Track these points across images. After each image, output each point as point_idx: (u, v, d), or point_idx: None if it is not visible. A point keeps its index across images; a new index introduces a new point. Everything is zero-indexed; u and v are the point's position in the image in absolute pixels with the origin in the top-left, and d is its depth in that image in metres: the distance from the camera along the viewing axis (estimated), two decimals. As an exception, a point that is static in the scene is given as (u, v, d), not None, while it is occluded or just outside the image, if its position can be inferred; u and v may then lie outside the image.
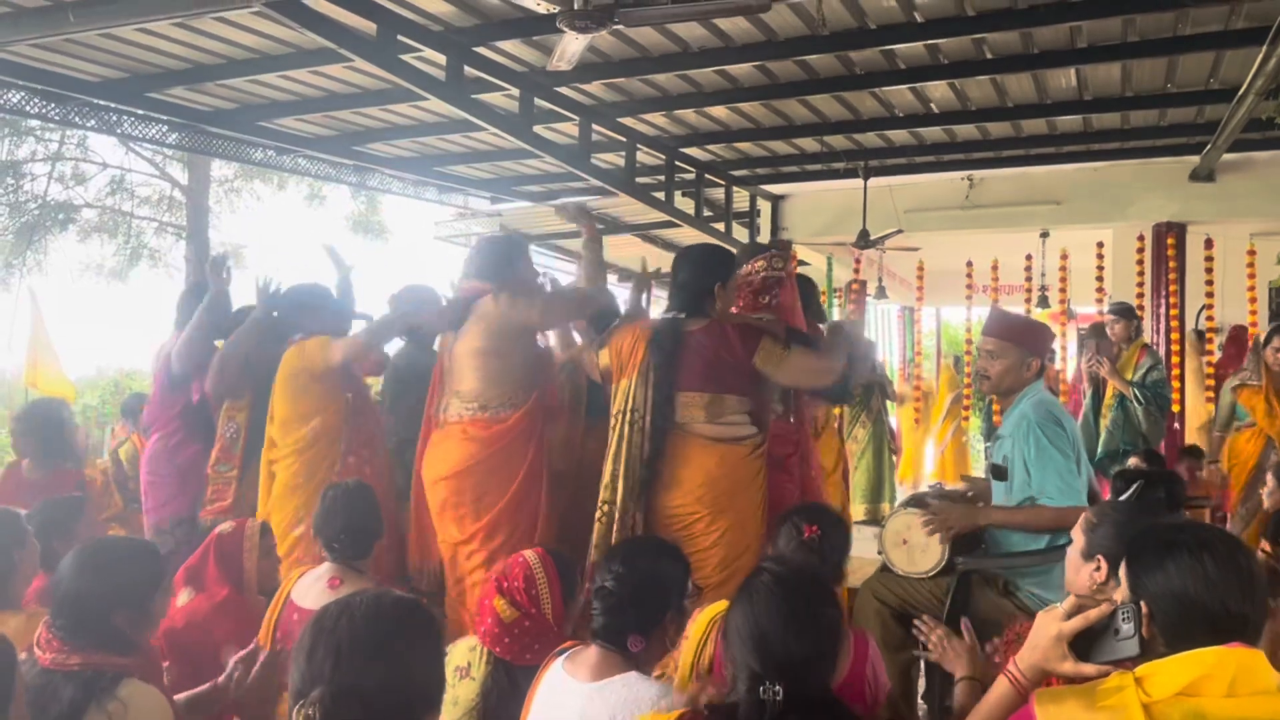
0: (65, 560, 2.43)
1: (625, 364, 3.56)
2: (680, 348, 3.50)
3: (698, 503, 3.43)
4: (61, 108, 6.22)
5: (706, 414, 3.50)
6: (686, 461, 3.47)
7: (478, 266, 3.90)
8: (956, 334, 17.06)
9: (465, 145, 7.82)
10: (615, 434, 3.52)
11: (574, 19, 4.06)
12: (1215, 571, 1.72)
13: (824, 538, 2.81)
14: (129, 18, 4.57)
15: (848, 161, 7.82)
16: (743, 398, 3.56)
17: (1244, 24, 5.01)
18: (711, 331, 3.53)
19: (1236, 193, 7.66)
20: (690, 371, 3.50)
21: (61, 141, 12.57)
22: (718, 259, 3.75)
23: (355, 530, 3.23)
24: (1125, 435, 6.07)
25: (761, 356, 3.49)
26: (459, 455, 3.67)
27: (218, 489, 4.38)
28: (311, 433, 3.99)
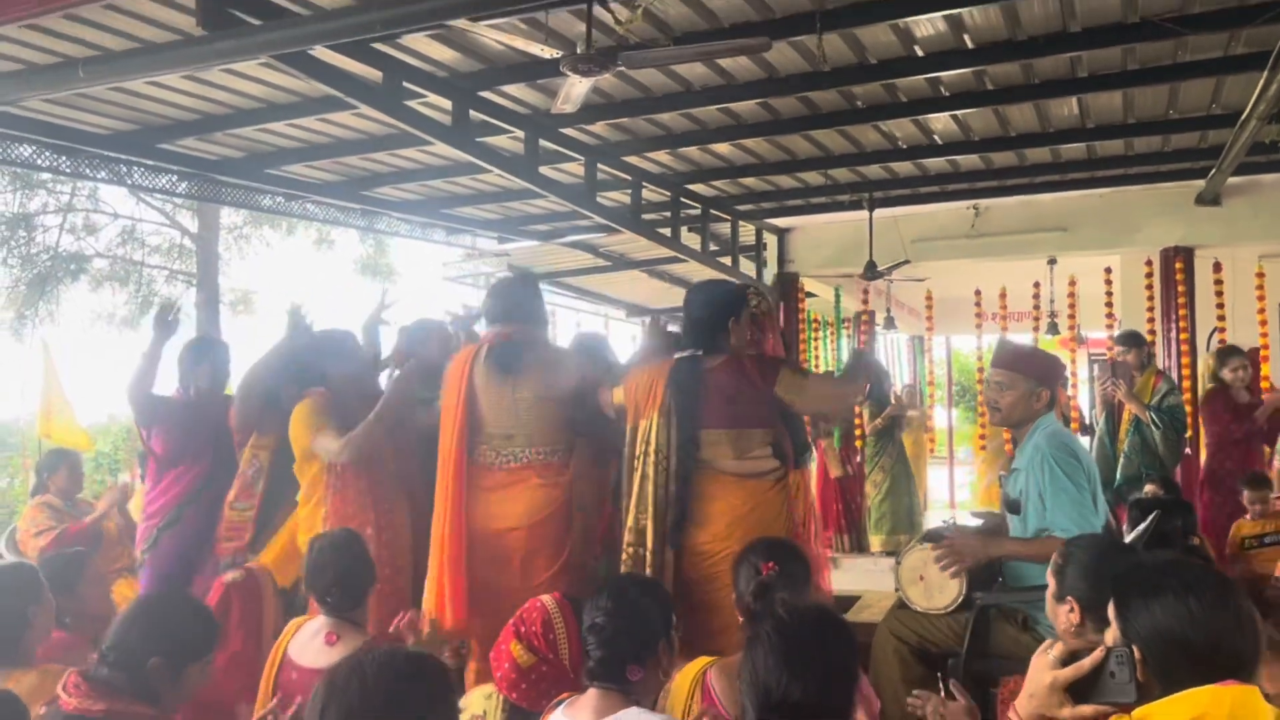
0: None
1: (643, 404, 3.58)
2: (701, 386, 3.53)
3: (727, 539, 3.44)
4: (72, 160, 6.29)
5: (733, 450, 3.53)
6: (713, 499, 3.50)
7: (504, 309, 3.86)
8: (967, 362, 17.04)
9: (472, 187, 7.87)
10: (638, 475, 3.53)
11: (577, 63, 4.10)
12: (1202, 610, 1.71)
13: (781, 573, 2.81)
14: (138, 73, 4.64)
15: (852, 194, 7.85)
16: (766, 431, 3.58)
17: (1244, 49, 5.04)
18: (730, 367, 3.56)
19: (1243, 215, 7.65)
20: (713, 409, 3.52)
21: (73, 193, 12.74)
22: (729, 293, 3.79)
23: (347, 582, 3.16)
24: (1144, 460, 6.02)
25: (783, 386, 3.52)
26: (538, 502, 3.64)
27: (234, 527, 4.29)
28: (309, 484, 3.97)
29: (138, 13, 4.38)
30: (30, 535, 5.34)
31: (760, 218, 8.94)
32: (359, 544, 3.30)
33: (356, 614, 3.18)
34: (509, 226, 9.29)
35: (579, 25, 4.38)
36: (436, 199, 8.22)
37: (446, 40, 4.82)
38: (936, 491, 13.29)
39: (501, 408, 3.72)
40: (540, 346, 3.84)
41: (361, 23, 3.77)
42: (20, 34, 4.53)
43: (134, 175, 6.72)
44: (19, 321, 12.49)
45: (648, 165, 7.20)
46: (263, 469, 4.34)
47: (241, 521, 4.30)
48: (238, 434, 4.40)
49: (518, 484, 3.66)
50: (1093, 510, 3.33)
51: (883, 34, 4.83)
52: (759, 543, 3.04)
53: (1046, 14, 4.64)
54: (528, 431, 3.70)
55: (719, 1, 4.39)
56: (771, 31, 4.57)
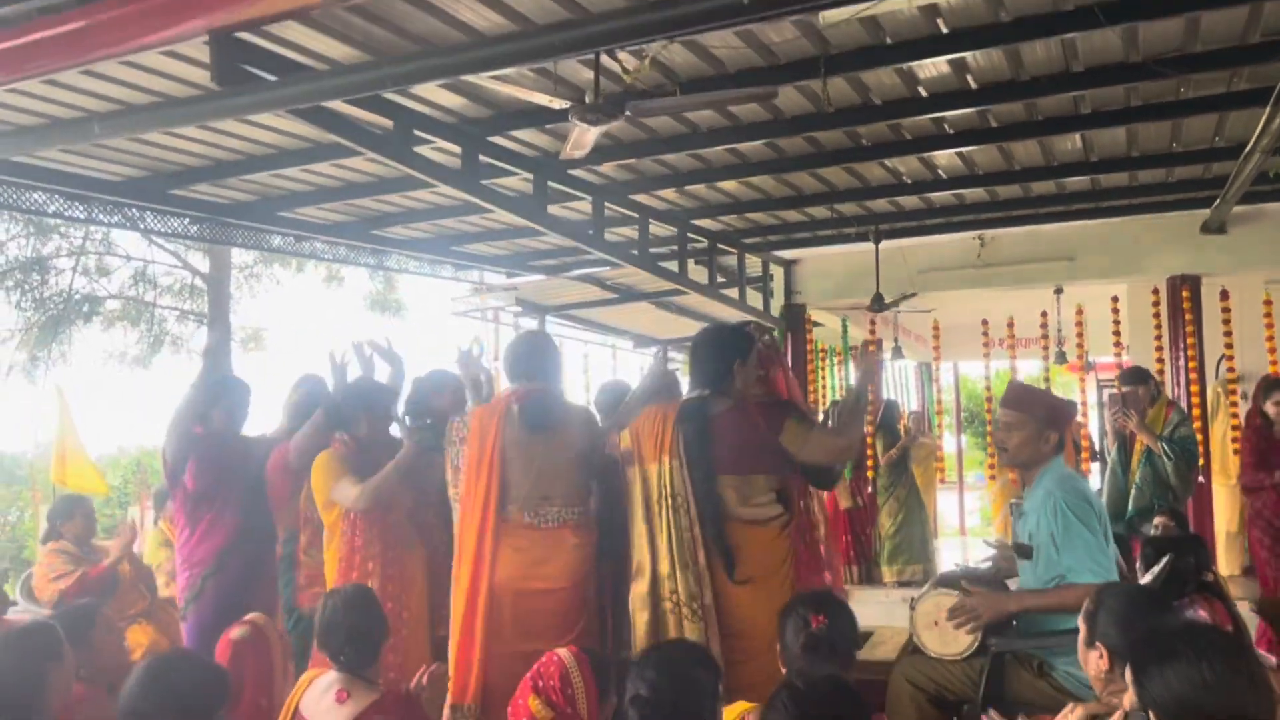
0: (137, 670, 2.48)
1: (655, 448, 3.59)
2: (708, 431, 3.55)
3: (736, 586, 3.47)
4: (85, 206, 6.36)
5: (738, 496, 3.54)
6: None
7: (527, 368, 3.86)
8: (976, 388, 17.03)
9: (481, 225, 7.94)
10: (660, 520, 3.53)
11: (585, 112, 4.16)
12: (1216, 676, 1.74)
13: (832, 626, 2.81)
14: (153, 127, 4.71)
15: (858, 227, 7.89)
16: (770, 477, 3.60)
17: (1246, 85, 5.07)
18: (736, 413, 3.59)
19: (1249, 244, 7.66)
20: (719, 455, 3.54)
21: (86, 236, 12.87)
22: (734, 338, 3.81)
23: (359, 639, 3.13)
24: (1156, 491, 5.98)
25: (787, 435, 3.55)
26: (574, 562, 3.65)
27: (312, 574, 4.23)
28: (330, 528, 3.98)
29: (153, 67, 4.46)
30: (47, 580, 5.36)
31: (766, 250, 8.98)
32: (371, 601, 3.28)
33: (369, 671, 3.16)
34: (517, 262, 9.35)
35: (586, 72, 4.45)
36: (445, 237, 8.29)
37: (456, 88, 4.88)
38: (947, 517, 13.27)
39: (534, 467, 3.68)
40: (567, 404, 3.91)
41: (374, 78, 3.84)
42: (39, 89, 4.60)
43: (146, 220, 6.79)
44: (31, 363, 12.58)
45: (655, 203, 7.25)
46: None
47: (319, 567, 4.23)
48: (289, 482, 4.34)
49: (554, 544, 3.64)
50: (1106, 555, 3.33)
51: (887, 77, 4.89)
52: (807, 595, 3.05)
53: (1049, 55, 4.69)
54: (564, 491, 3.70)
55: (724, 49, 4.44)
56: (777, 77, 4.64)
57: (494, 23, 4.09)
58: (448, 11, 4.00)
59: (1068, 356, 10.27)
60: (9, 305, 12.42)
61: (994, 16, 4.22)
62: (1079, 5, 4.00)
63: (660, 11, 3.44)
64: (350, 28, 4.12)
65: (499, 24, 4.10)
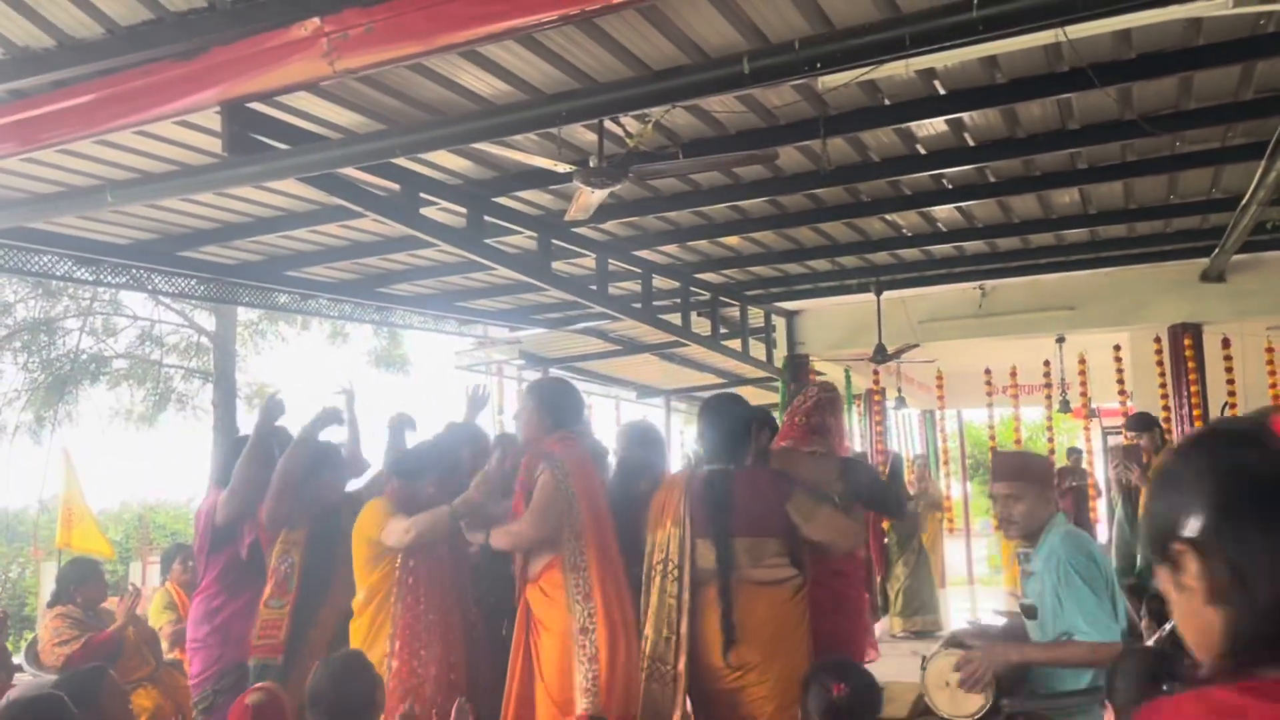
0: None
1: (662, 514, 3.64)
2: (720, 495, 3.59)
3: (747, 650, 3.47)
4: (93, 269, 6.43)
5: (749, 558, 3.56)
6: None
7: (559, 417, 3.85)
8: (980, 435, 17.01)
9: (485, 280, 8.00)
10: (653, 584, 3.56)
11: (590, 176, 4.23)
12: None
13: (853, 695, 2.80)
14: (165, 195, 4.78)
15: (860, 279, 7.95)
16: (781, 540, 3.60)
17: (1241, 140, 5.15)
18: (747, 477, 3.63)
19: (1249, 292, 7.71)
20: (733, 518, 3.57)
21: (94, 297, 12.98)
22: (742, 406, 3.88)
23: (346, 709, 3.04)
24: None
25: (793, 506, 3.58)
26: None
27: (269, 626, 4.19)
28: (361, 601, 3.93)
29: (166, 136, 4.54)
30: (51, 646, 5.32)
31: (769, 302, 9.04)
32: (362, 665, 3.21)
33: None
34: (521, 316, 9.41)
35: (591, 136, 4.52)
36: (450, 292, 8.35)
37: (462, 152, 4.96)
38: (955, 566, 13.18)
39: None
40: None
41: (384, 147, 3.91)
42: (53, 157, 4.68)
43: (154, 281, 6.87)
44: (37, 423, 12.64)
45: (657, 258, 7.32)
46: (295, 565, 4.27)
47: (277, 619, 4.20)
48: (267, 530, 4.34)
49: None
50: (1111, 615, 3.31)
51: (885, 136, 4.96)
52: (829, 663, 3.05)
53: (1045, 114, 4.77)
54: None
55: (726, 112, 4.52)
56: (777, 137, 4.71)
57: (501, 91, 4.17)
58: (455, 81, 4.08)
59: (1071, 404, 10.29)
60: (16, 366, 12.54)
61: (990, 78, 4.30)
62: (1073, 67, 4.08)
63: (664, 81, 3.53)
64: (359, 97, 4.21)
65: (506, 92, 4.18)
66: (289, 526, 4.33)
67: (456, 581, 4.05)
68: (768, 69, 3.20)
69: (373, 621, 3.90)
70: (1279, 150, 4.59)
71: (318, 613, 4.25)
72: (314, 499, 4.34)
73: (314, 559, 4.27)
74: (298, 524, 4.32)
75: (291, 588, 4.25)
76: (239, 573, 4.47)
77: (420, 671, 3.79)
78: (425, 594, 3.87)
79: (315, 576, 4.25)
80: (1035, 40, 3.63)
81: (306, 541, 4.30)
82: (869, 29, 3.08)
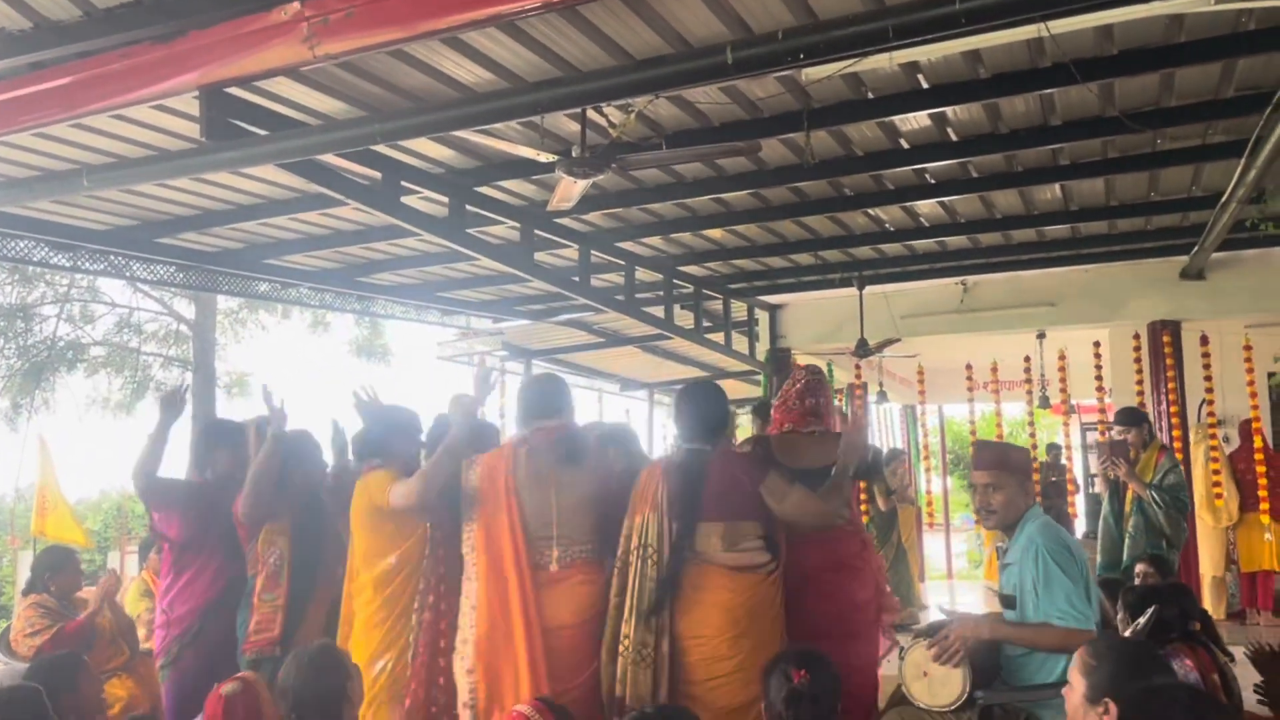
0: None
1: (642, 500, 3.64)
2: (695, 479, 3.60)
3: (718, 631, 3.49)
4: (71, 255, 6.37)
5: (724, 542, 3.57)
6: (705, 590, 3.53)
7: (545, 406, 3.80)
8: (961, 430, 17.09)
9: (468, 271, 7.97)
10: (632, 570, 3.57)
11: (572, 166, 4.21)
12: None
13: (814, 681, 2.81)
14: (142, 179, 4.73)
15: (843, 273, 7.96)
16: (756, 523, 3.62)
17: (1221, 138, 5.18)
18: (723, 461, 3.65)
19: (1227, 289, 7.76)
20: (706, 501, 3.58)
21: (71, 284, 12.87)
22: (719, 391, 3.88)
23: (316, 704, 3.01)
24: (1149, 539, 5.87)
25: (767, 488, 3.59)
26: (584, 601, 3.63)
27: (264, 619, 4.15)
28: (390, 569, 3.82)
29: (143, 121, 4.49)
30: (23, 635, 5.28)
31: (752, 295, 9.05)
32: (334, 658, 3.17)
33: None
34: (503, 307, 9.39)
35: (574, 125, 4.51)
36: (432, 283, 8.32)
37: (444, 141, 4.93)
38: (934, 560, 13.22)
39: (543, 504, 3.67)
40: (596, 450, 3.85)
41: (365, 134, 3.87)
42: (29, 141, 4.63)
43: (132, 268, 6.81)
44: (14, 410, 12.52)
45: (641, 250, 7.31)
46: (284, 557, 4.24)
47: (272, 613, 4.18)
48: (246, 525, 4.29)
49: (566, 583, 3.63)
50: (1087, 604, 3.34)
51: (869, 129, 4.97)
52: (790, 652, 3.05)
53: (1027, 109, 4.78)
54: (571, 531, 3.67)
55: (709, 104, 4.51)
56: (761, 130, 4.71)
57: (483, 79, 4.15)
58: (437, 68, 4.06)
59: (1051, 399, 10.34)
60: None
61: (973, 73, 4.31)
62: (1056, 62, 4.10)
63: (648, 71, 3.53)
64: (340, 83, 4.18)
65: (488, 80, 4.16)
66: (271, 519, 4.28)
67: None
68: (751, 59, 3.19)
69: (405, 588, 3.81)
70: (1258, 149, 4.61)
71: (309, 603, 4.23)
72: (296, 489, 4.30)
73: (301, 549, 4.24)
74: (280, 515, 4.27)
75: (283, 580, 4.22)
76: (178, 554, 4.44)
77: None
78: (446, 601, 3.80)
79: (304, 567, 4.23)
80: (1018, 35, 3.64)
81: (292, 532, 4.26)
82: (852, 20, 3.07)
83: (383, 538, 3.86)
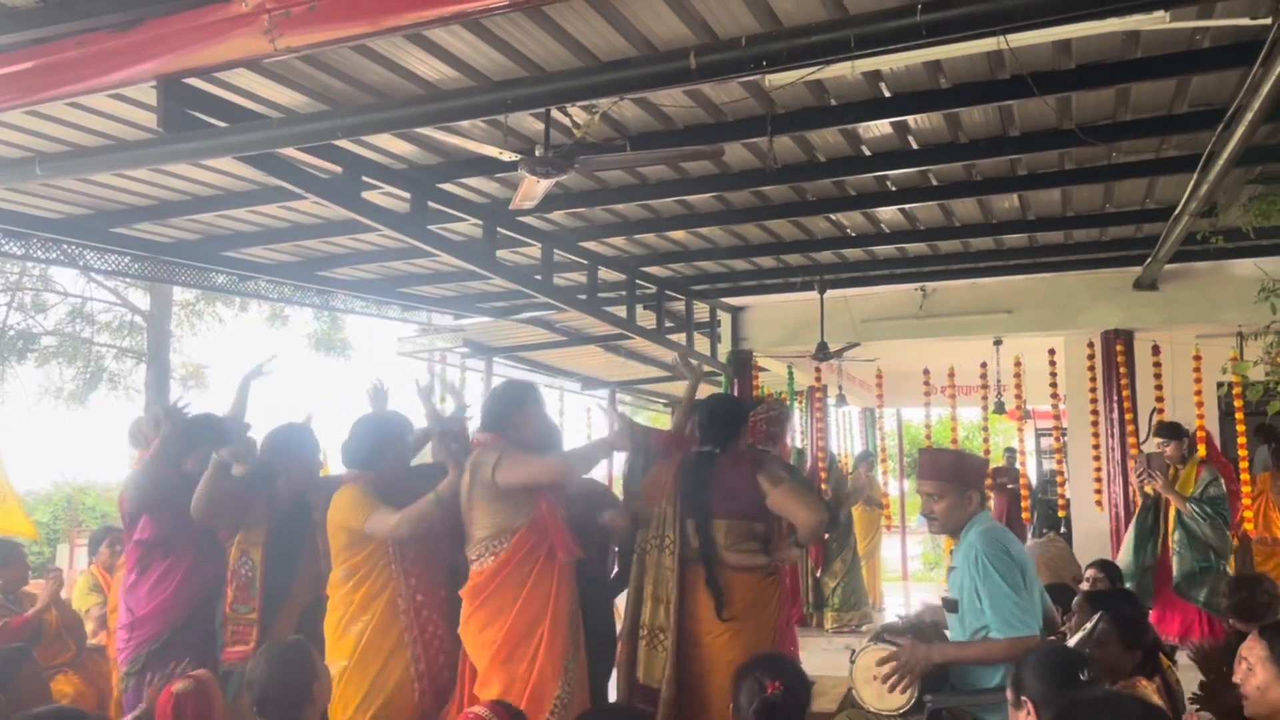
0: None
1: (659, 492, 3.95)
2: (705, 477, 3.90)
3: (721, 631, 3.79)
4: (22, 243, 6.24)
5: (725, 540, 3.84)
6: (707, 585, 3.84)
7: (484, 419, 3.86)
8: (918, 433, 17.27)
9: (429, 267, 7.92)
10: (649, 557, 3.87)
11: (535, 165, 4.20)
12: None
13: (787, 692, 2.83)
14: (97, 169, 4.65)
15: (804, 277, 8.02)
16: (755, 523, 3.90)
17: (1174, 152, 5.28)
18: (731, 459, 3.96)
19: (1179, 300, 7.91)
20: (714, 499, 3.86)
21: (23, 272, 12.61)
22: (731, 404, 4.35)
23: (281, 698, 3.01)
24: (1195, 553, 5.86)
25: (764, 474, 3.88)
26: (465, 611, 3.67)
27: (239, 631, 4.11)
28: (342, 575, 3.83)
29: (99, 109, 4.42)
30: (-35, 632, 5.18)
31: (714, 297, 9.08)
32: (301, 655, 3.16)
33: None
34: (465, 303, 9.33)
35: (537, 124, 4.50)
36: (393, 278, 8.25)
37: (406, 136, 4.90)
38: (890, 562, 13.36)
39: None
40: (475, 456, 3.78)
41: (326, 128, 3.83)
42: (-22, 127, 4.54)
43: (86, 258, 6.68)
44: (-38, 398, 12.28)
45: (604, 250, 7.31)
46: (256, 567, 4.16)
47: (247, 626, 4.12)
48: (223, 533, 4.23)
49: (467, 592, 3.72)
50: (1027, 607, 3.38)
51: (831, 136, 5.01)
52: (763, 658, 3.09)
53: (986, 120, 4.84)
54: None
55: (674, 107, 4.52)
56: (724, 134, 4.73)
57: (447, 76, 4.13)
58: (401, 64, 4.03)
59: (1006, 405, 10.48)
60: (-60, 342, 12.15)
61: (934, 83, 4.36)
62: (1014, 74, 4.15)
63: (612, 73, 3.52)
64: (302, 76, 4.14)
65: (452, 77, 4.14)
66: (246, 526, 4.20)
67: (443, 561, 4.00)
68: (714, 64, 3.20)
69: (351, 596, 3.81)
70: (1210, 163, 4.71)
71: (280, 611, 4.17)
72: (279, 492, 4.22)
73: (276, 558, 4.17)
74: (256, 523, 4.20)
75: (255, 591, 4.16)
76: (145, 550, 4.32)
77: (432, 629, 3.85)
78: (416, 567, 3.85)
79: (277, 576, 4.17)
80: (978, 47, 3.69)
81: (267, 541, 4.19)
82: (815, 29, 3.09)
83: (341, 549, 3.87)
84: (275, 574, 4.16)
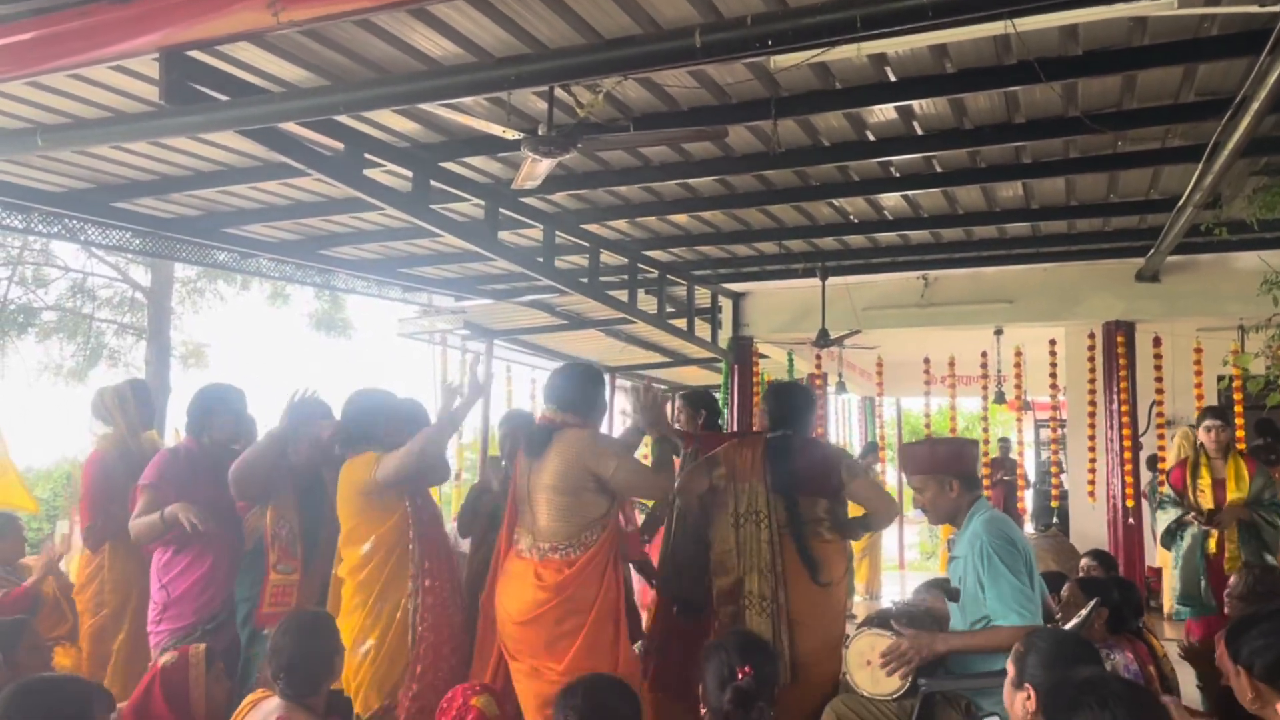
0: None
1: (749, 471, 4.10)
2: (788, 457, 4.09)
3: (816, 588, 4.03)
4: (24, 216, 6.23)
5: (808, 515, 4.07)
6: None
7: (558, 397, 3.77)
8: (918, 422, 17.27)
9: (431, 248, 7.91)
10: (744, 530, 4.03)
11: (538, 144, 4.19)
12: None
13: (757, 676, 2.85)
14: (98, 141, 4.64)
15: (806, 264, 8.00)
16: (829, 503, 4.11)
17: (1180, 142, 5.26)
18: (803, 441, 4.21)
19: (1181, 292, 7.89)
20: (799, 478, 4.08)
21: (24, 246, 12.58)
22: (797, 388, 4.67)
23: (304, 667, 3.06)
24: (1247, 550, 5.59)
25: (845, 466, 4.16)
26: (530, 601, 3.54)
27: (280, 592, 4.13)
28: (367, 552, 3.83)
29: (101, 81, 4.40)
30: (-36, 602, 5.19)
31: (716, 283, 9.06)
32: (327, 629, 3.21)
33: (312, 700, 3.09)
34: (467, 285, 9.32)
35: (540, 103, 4.48)
36: (394, 258, 8.25)
37: (409, 114, 4.88)
38: (886, 550, 13.38)
39: (525, 494, 3.69)
40: (568, 437, 3.67)
41: (328, 103, 3.82)
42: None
43: (87, 232, 6.67)
44: (-38, 374, 12.27)
45: (606, 233, 7.29)
46: (295, 531, 4.20)
47: (288, 585, 4.14)
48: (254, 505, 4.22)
49: (520, 579, 3.61)
50: (1031, 596, 3.40)
51: (835, 120, 4.99)
52: (730, 638, 3.09)
53: (992, 106, 4.82)
54: (536, 524, 3.63)
55: (678, 87, 4.50)
56: (728, 116, 4.71)
57: (450, 52, 4.11)
58: (404, 39, 4.01)
59: (1006, 396, 10.49)
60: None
61: (940, 67, 4.34)
62: (1021, 60, 4.13)
63: (616, 51, 3.50)
64: (305, 51, 4.12)
65: (455, 54, 4.12)
66: (275, 494, 4.21)
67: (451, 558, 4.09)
68: (719, 44, 3.19)
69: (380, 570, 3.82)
70: (1216, 154, 4.69)
71: (314, 575, 4.23)
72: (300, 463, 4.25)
73: (309, 524, 4.23)
74: (282, 490, 4.22)
75: (297, 552, 4.22)
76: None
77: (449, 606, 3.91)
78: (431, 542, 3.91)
79: (311, 540, 4.23)
80: (985, 31, 3.67)
81: (298, 507, 4.24)
82: (821, 9, 3.07)
83: (363, 521, 3.86)
84: (311, 539, 4.22)
